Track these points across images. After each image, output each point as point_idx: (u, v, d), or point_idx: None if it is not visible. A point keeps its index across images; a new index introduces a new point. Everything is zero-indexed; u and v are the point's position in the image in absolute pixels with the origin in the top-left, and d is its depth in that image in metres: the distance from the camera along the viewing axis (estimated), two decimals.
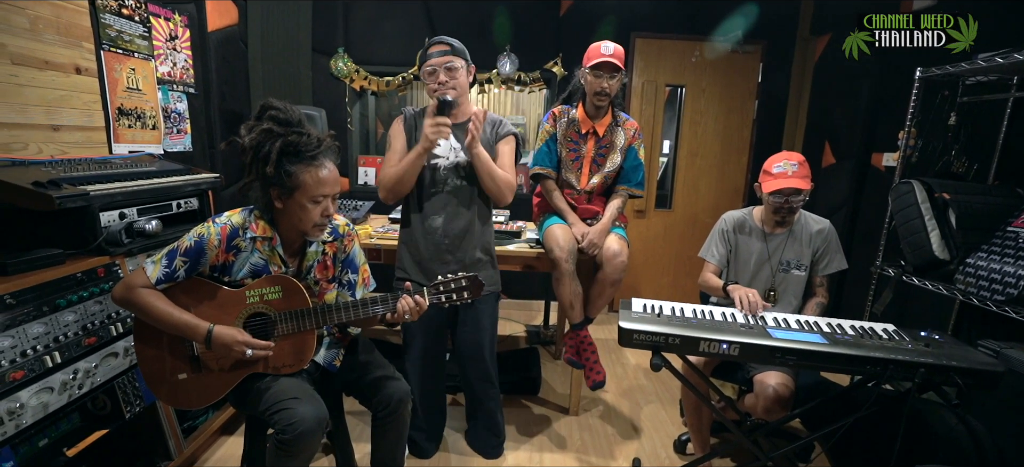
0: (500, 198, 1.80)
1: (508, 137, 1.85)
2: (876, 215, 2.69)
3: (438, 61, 1.70)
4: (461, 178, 1.80)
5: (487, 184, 1.76)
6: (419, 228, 1.82)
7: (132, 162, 1.97)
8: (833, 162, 3.20)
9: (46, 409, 1.31)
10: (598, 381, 2.12)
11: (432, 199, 1.80)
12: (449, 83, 1.71)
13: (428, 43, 1.74)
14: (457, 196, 1.80)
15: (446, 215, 1.79)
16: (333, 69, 3.58)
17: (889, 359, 1.32)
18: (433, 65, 1.71)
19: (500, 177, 1.76)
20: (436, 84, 1.71)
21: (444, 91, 1.70)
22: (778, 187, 1.78)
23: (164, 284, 1.30)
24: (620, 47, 2.04)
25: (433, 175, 1.79)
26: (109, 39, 2.16)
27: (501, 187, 1.77)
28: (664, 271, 3.91)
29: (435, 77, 1.71)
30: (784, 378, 1.72)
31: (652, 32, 3.54)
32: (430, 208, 1.80)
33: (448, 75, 1.71)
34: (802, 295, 1.92)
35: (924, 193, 1.95)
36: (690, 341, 1.45)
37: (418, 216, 1.82)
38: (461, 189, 1.81)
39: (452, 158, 1.79)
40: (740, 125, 3.68)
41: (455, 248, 1.81)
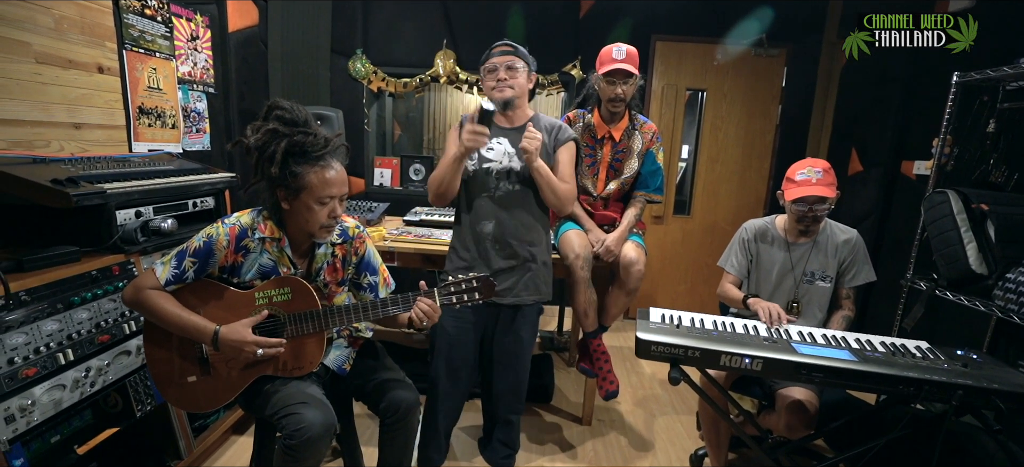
0: (560, 209, 1.74)
1: (568, 143, 1.77)
2: (906, 226, 2.59)
3: (499, 59, 1.67)
4: (514, 183, 1.73)
5: (548, 196, 1.70)
6: (469, 232, 1.76)
7: (150, 161, 1.98)
8: (860, 170, 3.10)
9: (58, 406, 1.31)
10: (611, 391, 2.07)
11: (483, 204, 1.73)
12: (508, 81, 1.66)
13: (493, 46, 1.71)
14: (509, 201, 1.73)
15: (497, 221, 1.72)
16: (351, 70, 3.59)
17: (924, 379, 1.25)
18: (494, 63, 1.68)
19: (560, 189, 1.69)
20: (495, 81, 1.67)
21: (502, 88, 1.66)
22: (802, 195, 1.72)
23: (173, 285, 1.29)
24: (633, 49, 1.99)
25: (484, 179, 1.72)
26: (131, 39, 2.19)
27: (561, 198, 1.70)
28: (681, 279, 3.83)
29: (495, 75, 1.67)
30: (808, 394, 1.65)
31: (673, 34, 3.47)
32: (481, 213, 1.73)
33: (508, 74, 1.67)
34: (827, 308, 1.84)
35: (960, 203, 1.85)
36: (711, 354, 1.39)
37: (468, 219, 1.76)
38: (513, 194, 1.73)
39: (505, 163, 1.72)
40: (763, 130, 3.58)
41: (505, 256, 1.74)
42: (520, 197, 1.73)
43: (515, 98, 1.67)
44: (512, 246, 1.73)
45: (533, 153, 1.61)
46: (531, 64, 1.72)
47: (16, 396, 1.22)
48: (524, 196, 1.74)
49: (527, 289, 1.77)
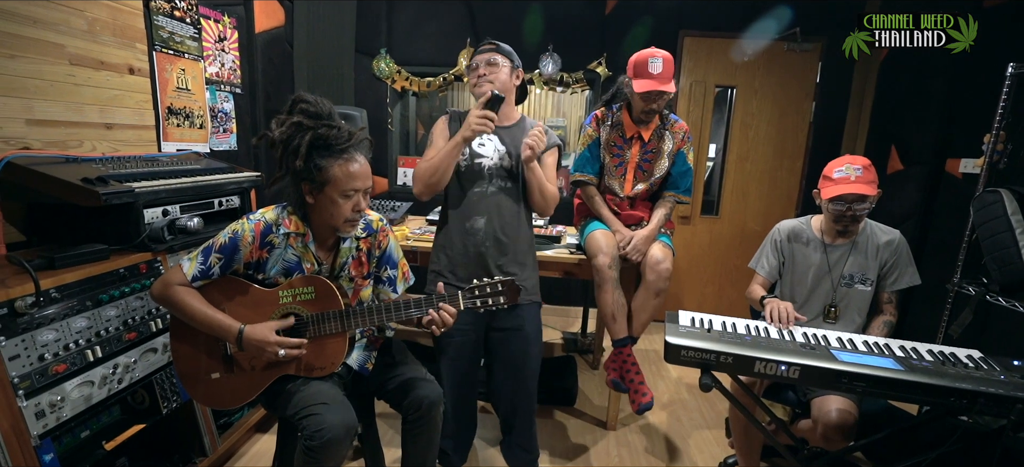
0: (544, 211, 1.75)
1: (553, 148, 1.78)
2: (951, 227, 2.46)
3: (480, 57, 1.68)
4: (505, 181, 1.73)
5: (536, 198, 1.71)
6: (458, 229, 1.75)
7: (178, 160, 2.01)
8: (900, 169, 2.96)
9: (87, 402, 1.33)
10: (644, 404, 1.96)
11: (475, 201, 1.72)
12: (487, 76, 1.66)
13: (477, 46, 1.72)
14: (502, 198, 1.72)
15: (489, 218, 1.71)
16: (375, 70, 3.61)
17: (979, 391, 1.16)
18: (476, 61, 1.69)
19: (549, 192, 1.70)
20: (476, 77, 1.68)
21: (482, 84, 1.66)
22: (840, 193, 1.63)
23: (199, 281, 1.30)
24: (669, 56, 1.91)
25: (477, 174, 1.71)
26: (161, 40, 2.22)
27: (548, 201, 1.71)
28: (709, 281, 3.73)
29: (475, 72, 1.68)
30: (846, 403, 1.57)
31: (702, 30, 3.38)
32: (472, 209, 1.72)
33: (488, 69, 1.66)
34: (867, 313, 1.75)
35: (1015, 204, 1.74)
36: (744, 361, 1.33)
37: (458, 217, 1.75)
38: (506, 191, 1.73)
39: (496, 160, 1.71)
40: (795, 128, 3.46)
41: (497, 253, 1.73)
42: (512, 194, 1.73)
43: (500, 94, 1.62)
44: (505, 244, 1.72)
45: (536, 151, 1.61)
46: (514, 61, 1.71)
47: (46, 392, 1.23)
48: (515, 194, 1.74)
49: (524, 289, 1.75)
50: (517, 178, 1.73)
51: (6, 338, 1.16)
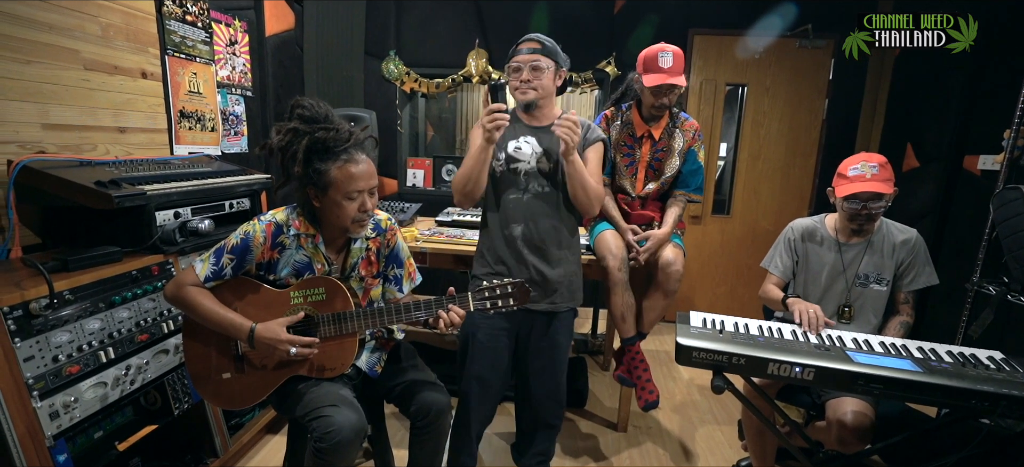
0: (589, 210, 1.65)
1: (597, 143, 1.68)
2: (969, 225, 2.41)
3: (525, 58, 1.57)
4: (543, 185, 1.65)
5: (578, 195, 1.60)
6: (498, 236, 1.69)
7: (190, 163, 2.03)
8: (916, 166, 2.90)
9: (102, 403, 1.34)
10: (651, 401, 1.95)
11: (512, 206, 1.65)
12: (532, 82, 1.58)
13: (520, 40, 1.62)
14: (539, 203, 1.65)
15: (527, 223, 1.65)
16: (384, 72, 3.62)
17: (1001, 394, 1.13)
18: (519, 62, 1.58)
19: (591, 188, 1.59)
20: (518, 81, 1.59)
21: (525, 89, 1.59)
22: (855, 191, 1.60)
23: (212, 282, 1.31)
24: (679, 51, 1.89)
25: (513, 180, 1.65)
26: (173, 45, 2.25)
27: (592, 198, 1.60)
28: (721, 281, 3.69)
29: (519, 75, 1.59)
30: (862, 406, 1.53)
31: (712, 28, 3.35)
32: (510, 215, 1.66)
33: (532, 74, 1.57)
34: (883, 313, 1.72)
35: None
36: (757, 362, 1.31)
37: (497, 221, 1.69)
38: (543, 196, 1.65)
39: (533, 163, 1.64)
40: (808, 126, 3.42)
41: (536, 259, 1.67)
42: (550, 198, 1.65)
43: (538, 99, 1.58)
44: (544, 249, 1.66)
45: (571, 144, 1.48)
46: (560, 61, 1.61)
47: (60, 393, 1.25)
48: (554, 197, 1.66)
49: (561, 295, 1.70)
50: (555, 180, 1.65)
51: (21, 339, 1.18)
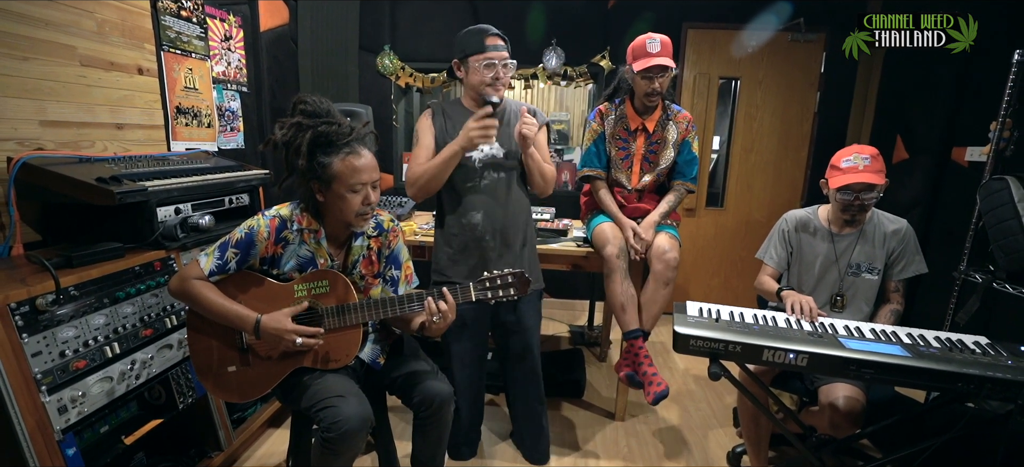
0: (544, 191, 1.79)
1: (542, 128, 1.78)
2: (957, 215, 2.46)
3: (498, 55, 1.64)
4: (498, 172, 1.74)
5: (536, 181, 1.75)
6: (456, 226, 1.76)
7: (188, 159, 2.03)
8: (906, 158, 2.96)
9: (109, 397, 1.36)
10: (659, 393, 1.89)
11: (469, 195, 1.74)
12: (503, 79, 1.66)
13: (480, 31, 1.65)
14: (495, 190, 1.74)
15: (486, 211, 1.73)
16: (379, 66, 3.62)
17: (986, 377, 1.18)
18: (492, 59, 1.64)
19: (548, 172, 1.75)
20: (491, 79, 1.65)
21: (499, 87, 1.66)
22: (848, 182, 1.64)
23: (216, 276, 1.33)
24: (667, 38, 1.93)
25: (468, 170, 1.72)
26: (169, 40, 2.24)
27: (548, 181, 1.77)
28: (715, 272, 3.74)
29: (494, 71, 1.64)
30: (853, 391, 1.58)
31: (705, 22, 3.38)
32: (468, 205, 1.74)
33: (504, 72, 1.66)
34: (874, 301, 1.76)
35: (1022, 191, 1.74)
36: (752, 349, 1.34)
37: (455, 214, 1.77)
38: (499, 183, 1.75)
39: (489, 151, 1.72)
40: (800, 119, 3.46)
41: (499, 244, 1.76)
42: (505, 184, 1.75)
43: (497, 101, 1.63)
44: (504, 235, 1.75)
45: (531, 139, 1.62)
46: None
47: (67, 388, 1.26)
48: (508, 183, 1.76)
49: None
50: (508, 167, 1.75)
51: (28, 335, 1.19)
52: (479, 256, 1.74)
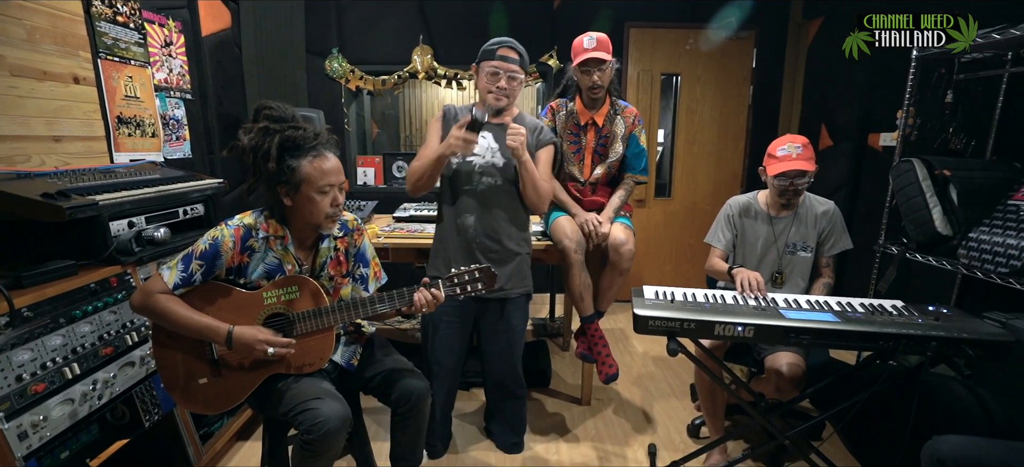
0: (538, 207, 1.79)
1: (548, 146, 1.84)
2: (875, 195, 2.73)
3: (505, 66, 1.70)
4: (496, 178, 1.78)
5: (529, 194, 1.75)
6: (452, 226, 1.81)
7: (135, 170, 1.95)
8: (830, 144, 3.24)
9: (72, 419, 1.31)
10: (611, 374, 2.09)
11: (466, 197, 1.78)
12: (506, 90, 1.72)
13: (497, 41, 1.72)
14: (491, 196, 1.78)
15: (479, 214, 1.78)
16: (328, 70, 3.57)
17: (902, 334, 1.35)
18: (497, 67, 1.70)
19: (541, 186, 1.74)
20: (495, 87, 1.71)
21: (500, 96, 1.71)
22: (783, 170, 1.80)
23: (181, 289, 1.30)
24: (603, 35, 2.03)
25: (468, 173, 1.77)
26: (105, 47, 2.14)
27: (541, 196, 1.76)
28: (666, 259, 3.94)
29: (497, 79, 1.70)
30: (795, 358, 1.74)
31: (646, 21, 3.55)
32: (463, 206, 1.79)
33: (509, 84, 1.72)
34: (809, 276, 1.94)
35: (925, 171, 1.97)
36: (705, 325, 1.46)
37: (451, 213, 1.81)
38: (495, 189, 1.78)
39: (488, 157, 1.77)
40: (736, 111, 3.70)
41: (488, 247, 1.80)
42: (502, 191, 1.79)
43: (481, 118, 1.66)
44: (495, 239, 1.80)
45: (521, 147, 1.65)
46: (527, 67, 1.77)
47: (27, 413, 1.21)
48: (506, 191, 1.80)
49: (512, 282, 1.84)
50: (507, 174, 1.78)
51: None
52: (470, 257, 1.78)
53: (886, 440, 1.85)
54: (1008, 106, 2.09)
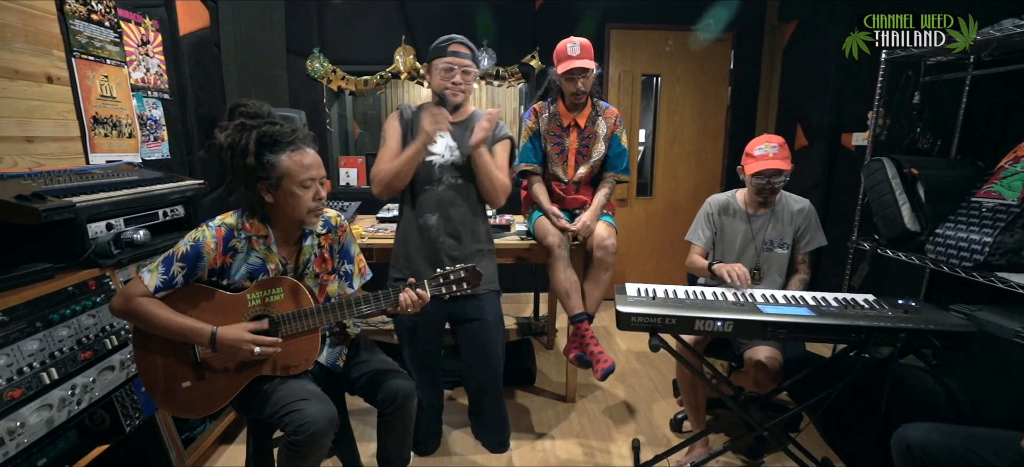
0: (494, 200, 1.82)
1: (505, 140, 1.87)
2: (849, 193, 2.81)
3: (458, 61, 1.72)
4: (456, 176, 1.81)
5: (485, 185, 1.78)
6: (413, 225, 1.82)
7: (112, 172, 1.92)
8: (806, 144, 3.32)
9: (50, 425, 1.28)
10: (607, 369, 1.99)
11: (427, 196, 1.80)
12: (462, 85, 1.74)
13: (447, 39, 1.75)
14: (452, 194, 1.80)
15: (441, 213, 1.79)
16: (309, 70, 3.54)
17: (872, 327, 1.40)
18: (451, 63, 1.72)
19: (498, 180, 1.78)
20: (450, 82, 1.73)
21: (457, 91, 1.74)
22: (760, 169, 1.85)
23: (163, 292, 1.29)
24: (587, 41, 2.07)
25: (428, 172, 1.79)
26: (80, 46, 2.09)
27: (498, 189, 1.78)
28: (648, 257, 3.99)
29: (451, 75, 1.73)
30: (772, 352, 1.79)
31: (626, 23, 3.60)
32: (424, 205, 1.80)
33: (464, 78, 1.74)
34: (786, 272, 1.99)
35: (894, 169, 2.05)
36: (686, 321, 1.50)
37: (412, 213, 1.83)
38: (457, 187, 1.81)
39: (448, 156, 1.79)
40: (715, 111, 3.78)
41: (452, 246, 1.82)
42: (463, 189, 1.82)
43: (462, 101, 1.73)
44: (457, 238, 1.82)
45: (483, 141, 1.69)
46: (478, 62, 1.79)
47: (3, 420, 1.19)
48: (466, 189, 1.83)
49: None
50: (468, 172, 1.81)
51: None
52: (432, 256, 1.80)
53: (859, 429, 1.92)
54: (971, 107, 2.18)
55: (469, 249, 1.84)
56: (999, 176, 1.83)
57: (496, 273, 1.95)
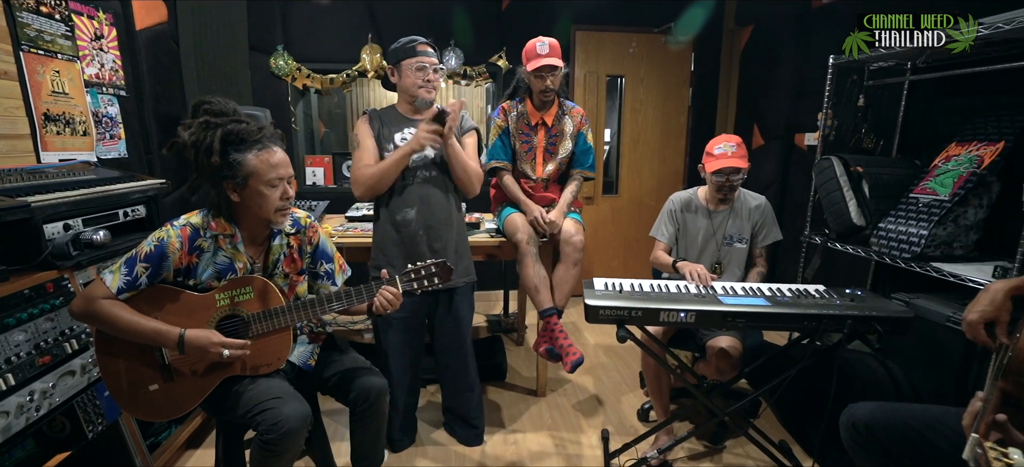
0: (470, 188, 1.89)
1: (471, 131, 1.95)
2: (802, 190, 2.97)
3: (429, 60, 1.79)
4: (430, 171, 1.86)
5: (459, 175, 1.84)
6: (391, 222, 1.84)
7: (67, 171, 1.85)
8: (762, 143, 3.48)
9: (7, 433, 1.23)
10: (576, 361, 2.04)
11: (403, 193, 1.84)
12: (434, 83, 1.82)
13: (411, 39, 1.81)
14: (429, 188, 1.85)
15: (419, 207, 1.84)
16: (273, 67, 3.47)
17: (822, 314, 1.50)
18: (424, 63, 1.78)
19: (471, 168, 1.85)
20: (423, 81, 1.80)
21: (430, 89, 1.80)
22: (720, 167, 1.94)
23: (126, 293, 1.25)
24: (555, 41, 2.13)
25: (404, 170, 1.82)
26: (28, 39, 2.00)
27: (472, 178, 1.86)
28: (614, 254, 4.09)
29: (425, 74, 1.80)
30: (733, 341, 1.88)
31: (592, 25, 3.68)
32: (402, 202, 1.83)
33: (435, 76, 1.81)
34: (745, 266, 2.10)
35: (842, 167, 2.18)
36: (651, 313, 1.57)
37: (387, 211, 1.85)
38: (433, 180, 1.86)
39: (421, 152, 1.82)
40: (677, 112, 3.90)
41: (431, 240, 1.85)
42: (437, 183, 1.88)
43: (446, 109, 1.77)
44: (435, 231, 1.86)
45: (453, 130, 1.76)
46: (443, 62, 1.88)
47: None
48: (441, 182, 1.89)
49: (457, 271, 1.91)
50: (441, 166, 1.86)
51: None
52: (412, 251, 1.83)
53: (812, 411, 2.04)
54: (909, 110, 2.35)
55: (446, 241, 1.87)
56: (933, 174, 1.98)
57: (472, 265, 2.01)
